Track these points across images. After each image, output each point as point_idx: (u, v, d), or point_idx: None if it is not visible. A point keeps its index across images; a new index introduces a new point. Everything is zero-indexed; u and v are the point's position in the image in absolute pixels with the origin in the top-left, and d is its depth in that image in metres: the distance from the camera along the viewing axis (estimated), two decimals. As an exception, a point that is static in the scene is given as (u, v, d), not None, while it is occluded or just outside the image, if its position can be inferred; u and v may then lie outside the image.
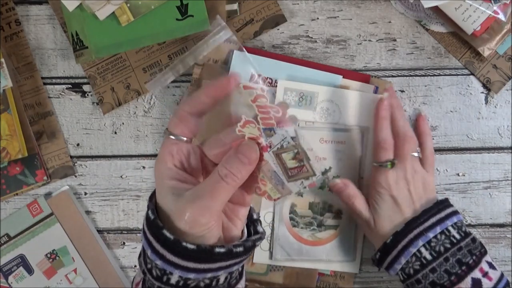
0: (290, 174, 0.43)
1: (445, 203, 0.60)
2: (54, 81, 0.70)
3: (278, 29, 0.70)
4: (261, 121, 0.43)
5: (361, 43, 0.70)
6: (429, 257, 0.57)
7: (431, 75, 0.70)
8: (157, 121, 0.70)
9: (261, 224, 0.53)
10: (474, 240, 0.58)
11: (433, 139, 0.69)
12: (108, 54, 0.68)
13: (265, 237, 0.60)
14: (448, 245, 0.57)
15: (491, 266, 0.58)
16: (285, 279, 0.66)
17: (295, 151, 0.44)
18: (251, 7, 0.69)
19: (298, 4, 0.70)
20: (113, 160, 0.70)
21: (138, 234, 0.70)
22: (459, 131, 0.69)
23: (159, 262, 0.41)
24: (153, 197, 0.44)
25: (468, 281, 0.56)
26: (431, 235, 0.57)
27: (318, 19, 0.70)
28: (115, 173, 0.70)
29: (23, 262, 0.68)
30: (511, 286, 0.58)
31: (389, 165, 0.60)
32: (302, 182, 0.44)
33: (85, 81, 0.70)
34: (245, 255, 0.43)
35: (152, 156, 0.70)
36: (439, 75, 0.70)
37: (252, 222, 0.47)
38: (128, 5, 0.65)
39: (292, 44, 0.70)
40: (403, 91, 0.69)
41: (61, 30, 0.70)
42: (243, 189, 0.44)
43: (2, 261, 0.67)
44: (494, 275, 0.57)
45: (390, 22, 0.70)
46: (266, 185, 0.44)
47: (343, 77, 0.66)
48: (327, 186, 0.65)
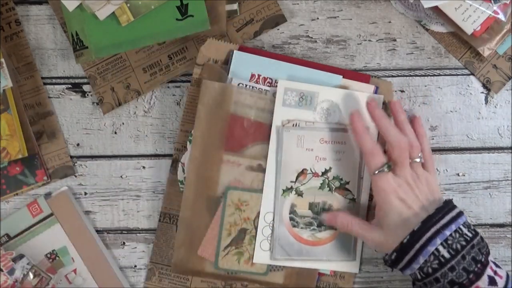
0: None
1: (452, 203, 0.60)
2: (54, 81, 0.70)
3: (278, 29, 0.70)
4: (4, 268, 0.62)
5: (361, 43, 0.70)
6: (447, 255, 0.56)
7: (431, 75, 0.70)
8: (157, 121, 0.70)
9: None
10: (482, 238, 0.58)
11: (433, 139, 0.69)
12: (108, 54, 0.68)
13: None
14: (463, 243, 0.56)
15: (496, 265, 0.58)
16: (285, 279, 0.66)
17: (33, 271, 0.65)
18: (251, 7, 0.69)
19: (298, 4, 0.70)
20: (113, 160, 0.70)
21: (138, 234, 0.70)
22: (459, 131, 0.69)
23: None
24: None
25: (485, 279, 0.55)
26: (447, 233, 0.56)
27: (318, 19, 0.70)
28: (115, 173, 0.70)
29: (23, 262, 0.68)
30: None
31: (387, 168, 0.59)
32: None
33: (85, 81, 0.70)
34: None
35: (152, 156, 0.70)
36: (439, 75, 0.70)
37: None
38: (128, 5, 0.65)
39: (292, 44, 0.70)
40: (403, 91, 0.69)
41: (61, 30, 0.70)
42: None
43: (2, 261, 0.68)
44: (502, 273, 0.57)
45: (390, 22, 0.70)
46: None
47: (343, 77, 0.66)
48: (327, 186, 0.65)
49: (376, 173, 0.59)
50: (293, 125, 0.63)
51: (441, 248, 0.56)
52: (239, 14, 0.69)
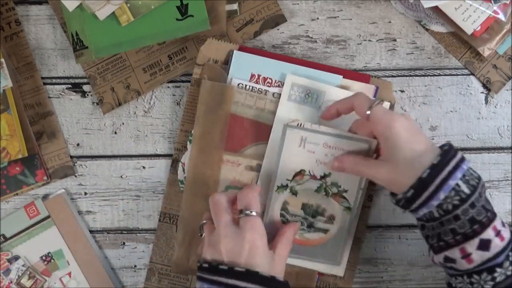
0: None
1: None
2: (54, 81, 0.70)
3: (278, 29, 0.70)
4: None
5: (361, 43, 0.70)
6: (467, 191, 0.52)
7: (431, 75, 0.70)
8: (157, 121, 0.70)
9: None
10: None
11: (433, 139, 0.69)
12: (108, 54, 0.68)
13: None
14: (477, 180, 0.53)
15: None
16: (284, 279, 0.66)
17: (28, 273, 0.67)
18: (251, 7, 0.69)
19: (298, 4, 0.70)
20: (113, 160, 0.70)
21: (138, 234, 0.70)
22: (459, 131, 0.69)
23: None
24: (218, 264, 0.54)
25: (498, 220, 0.53)
26: (465, 167, 0.52)
27: (318, 19, 0.70)
28: (115, 173, 0.70)
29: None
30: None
31: (379, 100, 0.57)
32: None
33: (85, 81, 0.70)
34: None
35: (152, 156, 0.70)
36: (439, 75, 0.70)
37: None
38: (128, 5, 0.65)
39: (292, 44, 0.70)
40: (403, 91, 0.69)
41: (61, 30, 0.70)
42: None
43: None
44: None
45: (390, 22, 0.70)
46: None
47: (343, 77, 0.66)
48: (323, 190, 0.63)
49: (375, 104, 0.55)
50: (298, 125, 0.62)
51: (461, 182, 0.52)
52: (239, 14, 0.69)
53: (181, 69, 0.69)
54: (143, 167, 0.70)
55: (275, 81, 0.66)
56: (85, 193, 0.70)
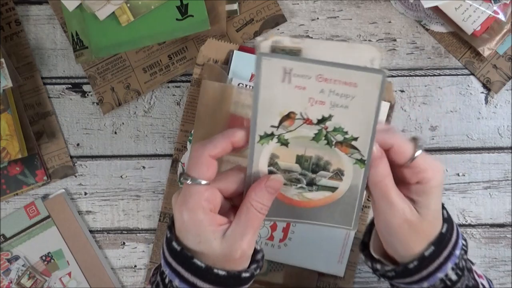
0: None
1: None
2: (54, 81, 0.70)
3: (278, 29, 0.70)
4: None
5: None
6: (454, 277, 0.47)
7: (431, 75, 0.70)
8: (157, 121, 0.70)
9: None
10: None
11: (433, 139, 0.69)
12: (108, 54, 0.68)
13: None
14: (463, 261, 0.48)
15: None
16: (285, 279, 0.66)
17: (28, 273, 0.64)
18: (251, 7, 0.69)
19: (298, 4, 0.70)
20: (113, 160, 0.70)
21: (138, 234, 0.70)
22: (459, 131, 0.69)
23: None
24: (172, 228, 0.46)
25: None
26: (458, 252, 0.47)
27: (318, 19, 0.70)
28: (115, 173, 0.70)
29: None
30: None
31: (422, 141, 0.48)
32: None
33: (85, 81, 0.70)
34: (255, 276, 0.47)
35: (152, 156, 0.70)
36: (439, 75, 0.70)
37: None
38: (128, 5, 0.65)
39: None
40: (403, 91, 0.69)
41: (61, 30, 0.70)
42: None
43: None
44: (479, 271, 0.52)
45: (390, 22, 0.70)
46: None
47: (343, 77, 0.65)
48: (323, 138, 0.48)
49: (420, 148, 0.46)
50: (275, 50, 0.46)
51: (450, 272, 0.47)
52: (239, 14, 0.69)
53: (181, 69, 0.69)
54: (143, 167, 0.70)
55: (275, 81, 0.65)
56: (85, 193, 0.70)
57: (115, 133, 0.70)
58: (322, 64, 0.45)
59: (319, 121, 0.47)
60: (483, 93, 0.69)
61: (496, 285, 0.70)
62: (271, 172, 0.48)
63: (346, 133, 0.47)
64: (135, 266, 0.70)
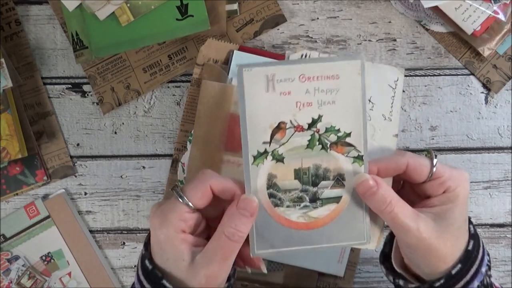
0: None
1: None
2: (54, 81, 0.70)
3: (278, 29, 0.70)
4: None
5: (361, 43, 0.70)
6: None
7: (431, 75, 0.70)
8: (157, 121, 0.70)
9: None
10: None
11: (433, 139, 0.69)
12: (108, 54, 0.68)
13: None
14: (488, 277, 0.47)
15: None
16: (285, 279, 0.66)
17: (28, 273, 0.64)
18: (251, 7, 0.69)
19: (298, 4, 0.70)
20: (113, 160, 0.70)
21: (138, 234, 0.70)
22: (459, 131, 0.69)
23: None
24: (148, 246, 0.45)
25: None
26: (484, 269, 0.46)
27: (318, 19, 0.70)
28: (115, 173, 0.70)
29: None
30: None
31: (434, 153, 0.47)
32: None
33: (85, 81, 0.70)
34: None
35: (152, 156, 0.70)
36: (439, 75, 0.70)
37: None
38: (128, 5, 0.65)
39: (292, 44, 0.70)
40: (403, 91, 0.69)
41: (61, 30, 0.70)
42: None
43: None
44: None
45: (390, 22, 0.70)
46: None
47: (343, 77, 0.66)
48: (317, 143, 0.46)
49: (435, 158, 0.46)
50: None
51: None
52: (239, 14, 0.69)
53: (181, 69, 0.69)
54: (143, 167, 0.70)
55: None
56: (85, 193, 0.70)
57: (115, 133, 0.70)
58: (302, 62, 0.44)
59: (310, 125, 0.45)
60: (483, 93, 0.69)
61: (496, 285, 0.70)
62: (272, 195, 0.46)
63: (338, 130, 0.46)
64: (135, 266, 0.70)
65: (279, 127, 0.45)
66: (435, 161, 0.45)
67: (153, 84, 0.69)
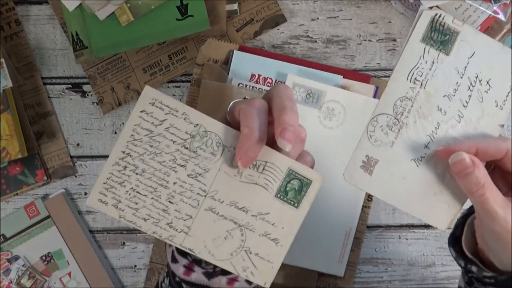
0: None
1: None
2: (54, 81, 0.70)
3: (278, 29, 0.70)
4: None
5: (361, 43, 0.70)
6: None
7: (431, 75, 0.70)
8: (157, 121, 0.70)
9: None
10: None
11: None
12: (108, 54, 0.68)
13: None
14: None
15: None
16: (285, 279, 0.66)
17: (28, 273, 0.65)
18: (251, 7, 0.69)
19: (298, 4, 0.70)
20: (113, 160, 0.70)
21: (138, 234, 0.70)
22: (459, 131, 0.69)
23: None
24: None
25: None
26: None
27: (318, 19, 0.70)
28: (115, 173, 0.70)
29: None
30: None
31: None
32: None
33: (85, 81, 0.70)
34: None
35: (152, 156, 0.70)
36: (439, 75, 0.69)
37: None
38: (128, 5, 0.65)
39: (292, 44, 0.70)
40: None
41: (61, 30, 0.70)
42: None
43: None
44: None
45: (390, 22, 0.70)
46: None
47: (343, 77, 0.66)
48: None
49: None
50: (434, 21, 0.46)
51: None
52: (239, 14, 0.69)
53: (181, 69, 0.69)
54: (143, 167, 0.70)
55: (275, 81, 0.66)
56: (85, 193, 0.70)
57: (115, 133, 0.70)
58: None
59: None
60: (483, 93, 0.69)
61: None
62: None
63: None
64: (135, 266, 0.70)
65: None
66: None
67: (153, 84, 0.69)
